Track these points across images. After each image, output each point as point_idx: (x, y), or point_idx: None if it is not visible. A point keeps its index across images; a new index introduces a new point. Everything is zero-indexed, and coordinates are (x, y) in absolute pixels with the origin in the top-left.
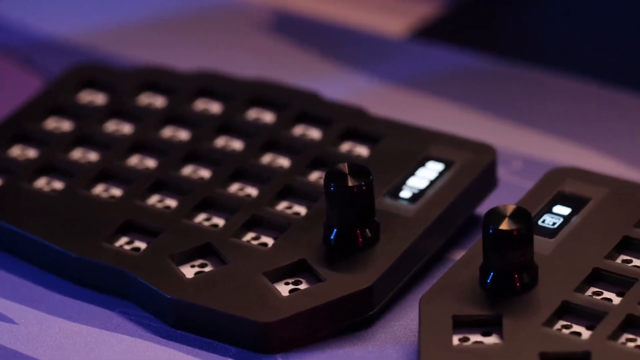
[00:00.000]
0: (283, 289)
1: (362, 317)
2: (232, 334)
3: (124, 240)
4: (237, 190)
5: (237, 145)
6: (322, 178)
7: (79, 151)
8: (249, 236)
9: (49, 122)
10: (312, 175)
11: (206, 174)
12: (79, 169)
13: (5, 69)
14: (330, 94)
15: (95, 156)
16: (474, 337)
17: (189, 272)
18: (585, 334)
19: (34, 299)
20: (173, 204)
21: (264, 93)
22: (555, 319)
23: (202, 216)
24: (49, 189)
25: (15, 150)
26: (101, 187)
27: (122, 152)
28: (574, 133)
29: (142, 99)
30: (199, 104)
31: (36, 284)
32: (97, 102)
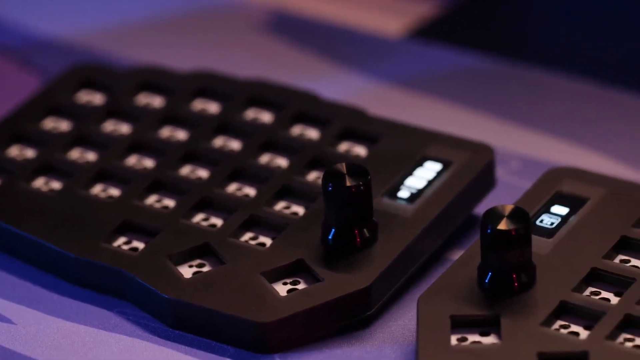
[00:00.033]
0: (281, 289)
1: (360, 317)
2: (230, 334)
3: (122, 240)
4: (235, 190)
5: (235, 145)
6: (320, 178)
7: (77, 151)
8: (247, 236)
9: (47, 122)
10: (310, 175)
11: (204, 174)
12: (77, 169)
13: (3, 69)
14: (328, 94)
15: (94, 156)
16: (472, 337)
17: (187, 272)
18: (583, 333)
19: (32, 299)
20: (171, 204)
21: (262, 93)
22: (553, 319)
23: (200, 216)
24: (47, 189)
25: (14, 150)
26: (99, 187)
27: (120, 152)
28: (572, 133)
29: (140, 99)
30: (197, 104)
31: (34, 284)
32: (95, 102)
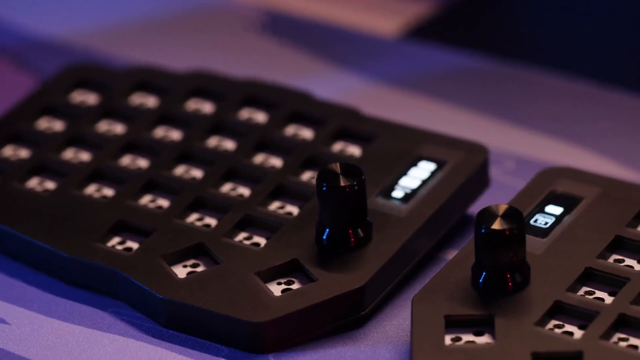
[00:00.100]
0: (275, 288)
1: (354, 317)
2: (225, 334)
3: (116, 240)
4: (230, 190)
5: (229, 145)
6: (314, 178)
7: (71, 151)
8: (241, 236)
9: (41, 122)
10: (305, 175)
11: (198, 173)
12: (71, 169)
13: None
14: (323, 93)
15: (88, 156)
16: (466, 337)
17: (181, 272)
18: (578, 333)
19: (26, 299)
20: (165, 203)
21: (256, 93)
22: (548, 319)
23: (194, 216)
24: (41, 189)
25: (8, 150)
26: (93, 187)
27: (114, 152)
28: (566, 133)
29: (135, 99)
30: (191, 104)
31: (28, 284)
32: (89, 102)
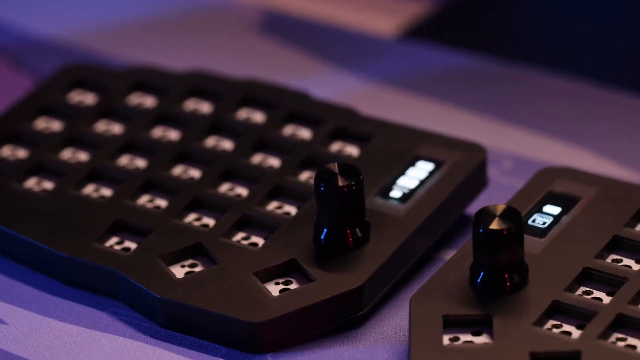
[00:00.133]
0: (273, 288)
1: (352, 317)
2: (223, 333)
3: (114, 240)
4: (228, 190)
5: (227, 145)
6: (312, 178)
7: (69, 151)
8: (239, 236)
9: (39, 122)
10: (303, 175)
11: (196, 173)
12: (69, 169)
13: None
14: (321, 93)
15: (86, 156)
16: (464, 337)
17: (179, 272)
18: (576, 333)
19: (24, 299)
20: (163, 203)
21: (254, 93)
22: (546, 319)
23: (192, 216)
24: (39, 189)
25: (5, 150)
26: (91, 187)
27: (112, 152)
28: (564, 133)
29: (133, 99)
30: (189, 104)
31: (26, 284)
32: (87, 102)
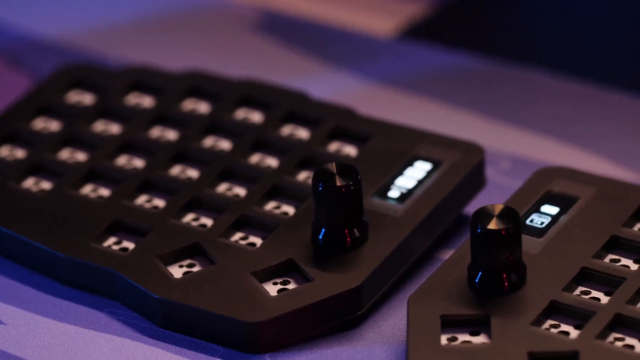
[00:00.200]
0: (271, 288)
1: (350, 317)
2: (221, 333)
3: (112, 240)
4: (226, 190)
5: (225, 145)
6: (310, 178)
7: (67, 151)
8: (237, 236)
9: (37, 122)
10: (301, 175)
11: (194, 173)
12: (67, 169)
13: None
14: (319, 93)
15: (84, 156)
16: (462, 337)
17: (177, 272)
18: (574, 333)
19: (22, 299)
20: (161, 203)
21: (252, 93)
22: (544, 319)
23: (190, 216)
24: (37, 189)
25: (3, 150)
26: (89, 187)
27: (110, 152)
28: (562, 133)
29: (131, 99)
30: (187, 104)
31: (24, 284)
32: (85, 102)
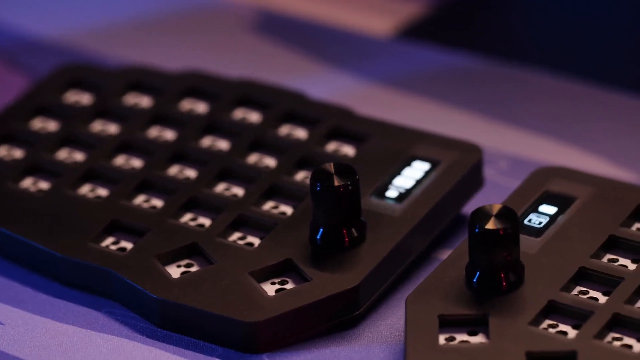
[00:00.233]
0: (269, 288)
1: (348, 317)
2: (219, 333)
3: (110, 240)
4: (223, 190)
5: (223, 145)
6: (308, 178)
7: (65, 151)
8: (235, 236)
9: (35, 122)
10: (298, 175)
11: (192, 173)
12: (65, 169)
13: None
14: (316, 93)
15: (82, 156)
16: (460, 337)
17: (175, 272)
18: (572, 333)
19: (20, 300)
20: (159, 203)
21: (250, 93)
22: (542, 318)
23: (188, 216)
24: (35, 189)
25: (1, 150)
26: (87, 187)
27: (108, 152)
28: (560, 132)
29: (128, 99)
30: (185, 104)
31: (22, 284)
32: (83, 102)
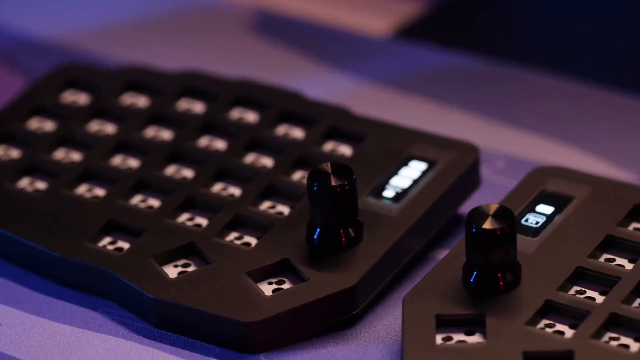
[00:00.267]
0: (266, 288)
1: (345, 317)
2: (216, 333)
3: (107, 240)
4: (220, 190)
5: (220, 145)
6: (305, 177)
7: (62, 151)
8: (232, 236)
9: (32, 122)
10: (295, 175)
11: (189, 173)
12: (62, 169)
13: None
14: (314, 93)
15: (79, 156)
16: (457, 337)
17: (172, 272)
18: (569, 332)
19: (17, 300)
20: (156, 203)
21: (247, 93)
22: (539, 318)
23: (185, 216)
24: (32, 189)
25: None
26: (84, 187)
27: (105, 152)
28: (557, 132)
29: (126, 99)
30: (182, 104)
31: (19, 284)
32: (80, 102)
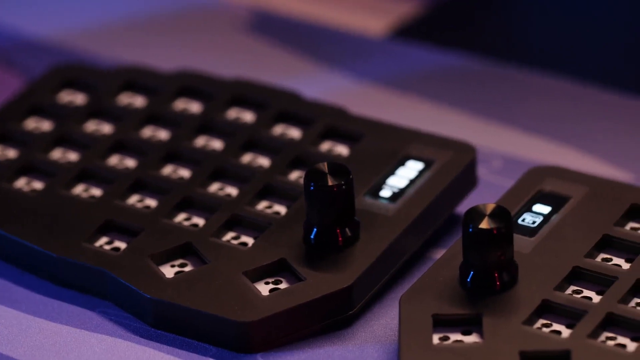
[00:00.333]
0: (263, 288)
1: (342, 316)
2: (212, 333)
3: (104, 240)
4: (217, 189)
5: (217, 144)
6: (302, 177)
7: (59, 151)
8: (229, 236)
9: (29, 122)
10: (292, 175)
11: (186, 173)
12: (59, 169)
13: None
14: (311, 93)
15: (75, 156)
16: (454, 336)
17: (169, 271)
18: (565, 332)
19: (13, 300)
20: (153, 203)
21: (244, 92)
22: (535, 318)
23: (182, 216)
24: (29, 189)
25: None
26: (81, 187)
27: (102, 152)
28: (554, 132)
29: (122, 99)
30: (179, 104)
31: (16, 284)
32: (77, 102)
